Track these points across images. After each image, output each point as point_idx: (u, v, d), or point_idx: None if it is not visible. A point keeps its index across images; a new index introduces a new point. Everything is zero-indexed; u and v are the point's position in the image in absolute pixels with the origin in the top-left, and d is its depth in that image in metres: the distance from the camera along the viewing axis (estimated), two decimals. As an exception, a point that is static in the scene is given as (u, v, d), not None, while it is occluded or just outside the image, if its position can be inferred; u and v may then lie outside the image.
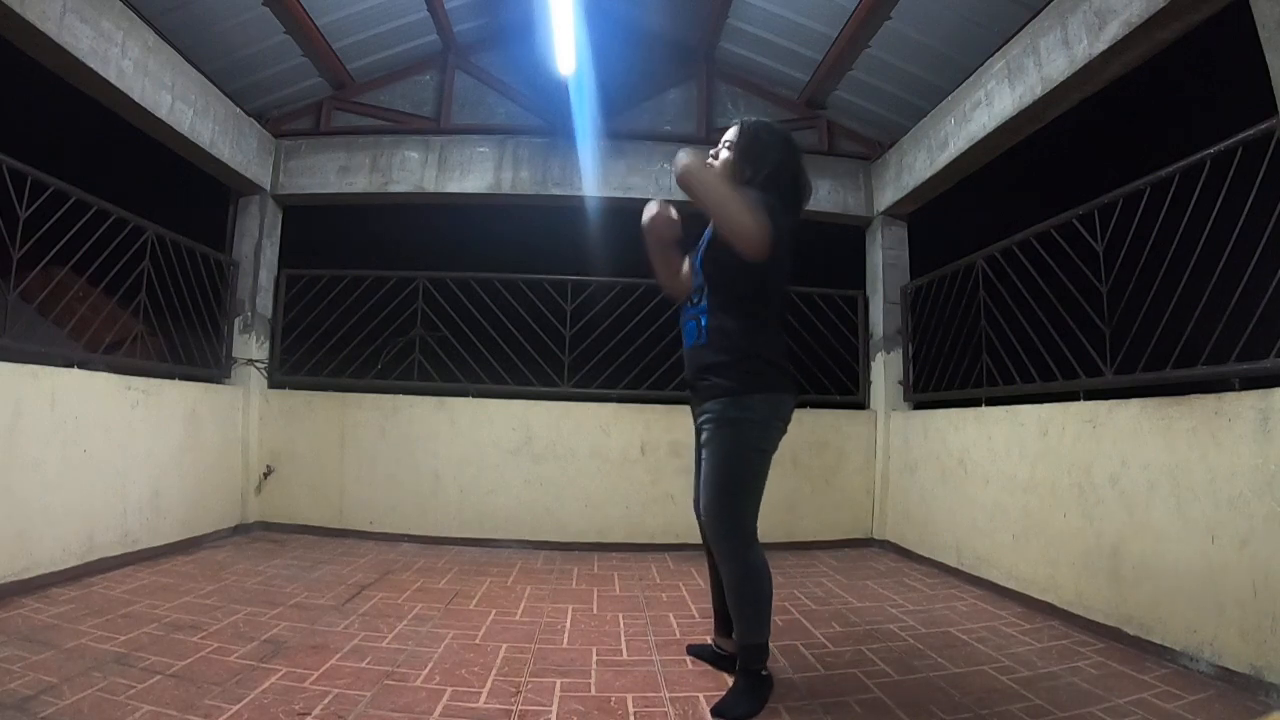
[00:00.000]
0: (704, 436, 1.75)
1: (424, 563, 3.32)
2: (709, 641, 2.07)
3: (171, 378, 3.43)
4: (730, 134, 1.83)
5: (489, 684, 1.83)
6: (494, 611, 2.53)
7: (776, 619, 2.51)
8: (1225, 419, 1.99)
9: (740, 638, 1.75)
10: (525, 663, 2.01)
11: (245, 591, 2.64)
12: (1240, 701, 1.78)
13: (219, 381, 3.94)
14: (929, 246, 4.44)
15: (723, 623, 1.93)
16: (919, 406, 4.06)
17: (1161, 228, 2.36)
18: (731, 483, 1.70)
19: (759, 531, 1.74)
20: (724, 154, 1.81)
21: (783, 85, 4.57)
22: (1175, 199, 2.30)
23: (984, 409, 3.27)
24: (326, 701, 1.66)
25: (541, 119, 4.49)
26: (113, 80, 2.99)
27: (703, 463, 1.76)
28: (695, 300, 1.82)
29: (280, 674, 1.82)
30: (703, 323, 1.77)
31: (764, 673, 1.77)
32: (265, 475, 3.99)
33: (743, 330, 1.72)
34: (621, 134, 4.45)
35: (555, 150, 4.40)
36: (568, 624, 2.41)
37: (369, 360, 4.19)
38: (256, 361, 4.14)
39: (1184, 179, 2.28)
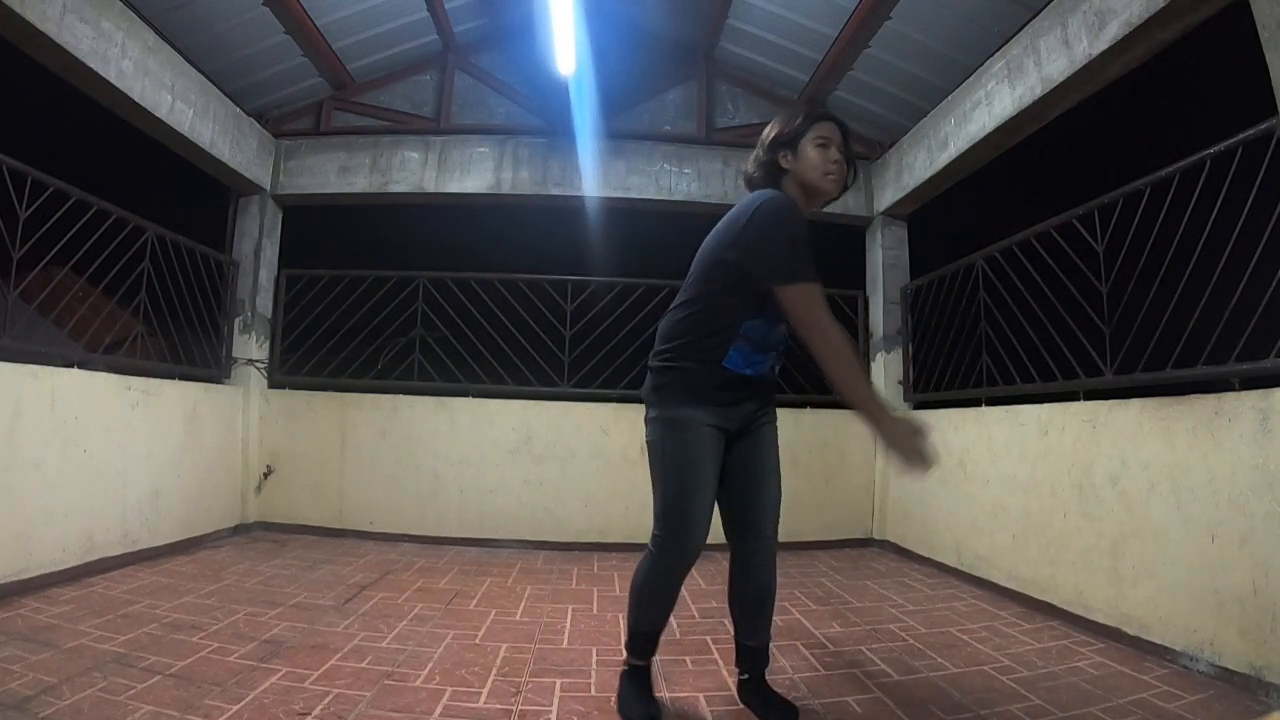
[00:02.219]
0: (771, 433, 1.70)
1: (424, 563, 3.32)
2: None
3: (171, 378, 3.43)
4: (837, 133, 1.63)
5: (489, 684, 1.83)
6: (494, 611, 2.53)
7: (777, 619, 2.50)
8: (1225, 419, 1.99)
9: (766, 636, 1.71)
10: (525, 663, 2.01)
11: (245, 591, 2.64)
12: (1240, 701, 1.78)
13: (219, 381, 3.94)
14: (929, 246, 4.44)
15: (652, 645, 1.72)
16: (919, 406, 4.06)
17: (1161, 228, 2.36)
18: None
19: None
20: (845, 165, 1.63)
21: (783, 85, 4.56)
22: (1175, 199, 2.30)
23: (984, 409, 3.27)
24: (326, 701, 1.66)
25: (541, 119, 4.49)
26: (113, 80, 2.99)
27: (770, 465, 1.67)
28: (778, 349, 1.69)
29: (280, 674, 1.82)
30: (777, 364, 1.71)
31: None
32: (265, 475, 3.99)
33: None
34: (621, 134, 4.45)
35: (555, 150, 4.40)
36: (568, 624, 2.41)
37: (369, 360, 4.19)
38: (256, 361, 4.14)
39: (1184, 179, 2.28)
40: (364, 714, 1.61)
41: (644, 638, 1.69)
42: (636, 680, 1.71)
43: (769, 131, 1.66)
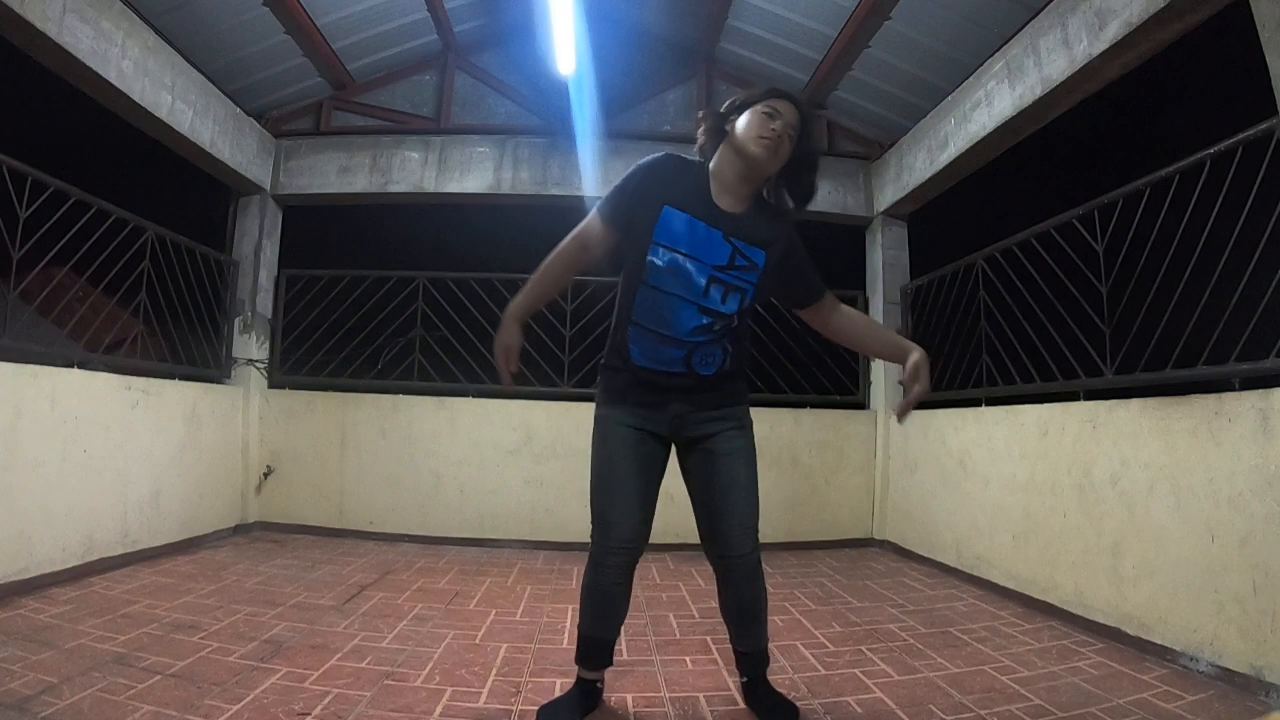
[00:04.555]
0: (728, 444, 1.60)
1: (424, 563, 3.32)
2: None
3: (171, 378, 3.43)
4: (792, 115, 1.56)
5: (489, 684, 1.84)
6: (494, 611, 2.53)
7: (776, 619, 2.51)
8: (1225, 419, 1.99)
9: (759, 642, 1.68)
10: (525, 663, 2.01)
11: (245, 591, 2.64)
12: (1240, 701, 1.78)
13: (219, 381, 3.94)
14: (929, 246, 4.44)
15: (605, 654, 1.69)
16: (919, 407, 4.05)
17: (1161, 228, 2.36)
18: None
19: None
20: (787, 144, 1.54)
21: (783, 85, 4.55)
22: (1175, 199, 2.30)
23: (984, 409, 3.27)
24: (326, 701, 1.66)
25: (541, 119, 4.49)
26: (113, 80, 2.99)
27: (730, 481, 1.59)
28: (697, 342, 1.55)
29: (280, 674, 1.81)
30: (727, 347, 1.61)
31: None
32: (265, 475, 3.98)
33: None
34: (621, 134, 4.44)
35: (555, 150, 4.40)
36: (568, 624, 2.40)
37: (369, 360, 4.19)
38: (256, 361, 4.14)
39: (1184, 179, 2.28)
40: (364, 714, 1.61)
41: (588, 645, 1.66)
42: (576, 692, 1.67)
43: (729, 101, 1.64)
